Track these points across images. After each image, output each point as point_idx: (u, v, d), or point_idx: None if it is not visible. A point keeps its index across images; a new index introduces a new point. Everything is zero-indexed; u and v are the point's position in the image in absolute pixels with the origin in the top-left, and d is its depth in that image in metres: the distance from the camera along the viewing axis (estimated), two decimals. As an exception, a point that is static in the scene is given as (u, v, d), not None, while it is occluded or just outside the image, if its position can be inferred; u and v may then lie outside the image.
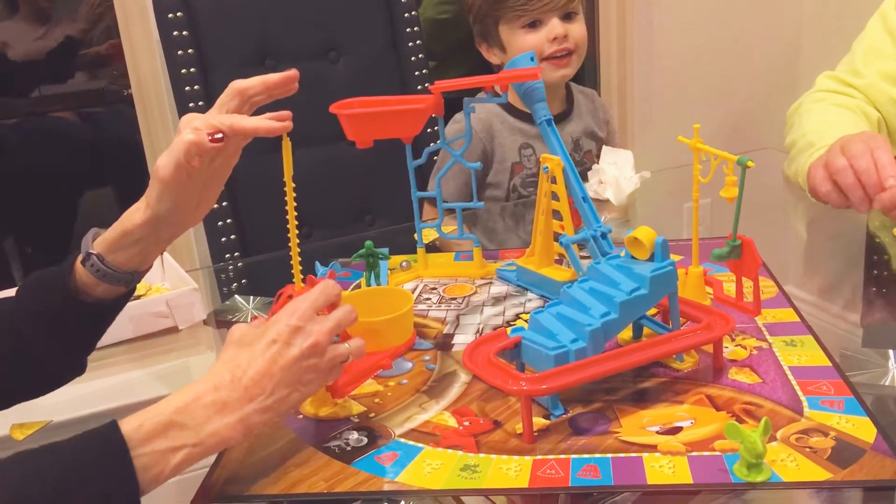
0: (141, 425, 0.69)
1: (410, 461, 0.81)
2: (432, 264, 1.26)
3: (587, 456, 0.79)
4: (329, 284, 0.82)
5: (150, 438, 0.69)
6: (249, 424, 0.73)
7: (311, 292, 0.80)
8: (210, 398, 0.72)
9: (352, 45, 1.75)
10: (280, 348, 0.75)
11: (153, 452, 0.69)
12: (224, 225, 1.64)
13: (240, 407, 0.73)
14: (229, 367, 0.74)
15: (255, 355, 0.75)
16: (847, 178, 1.20)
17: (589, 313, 0.88)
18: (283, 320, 0.76)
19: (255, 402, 0.73)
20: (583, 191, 1.11)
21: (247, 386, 0.73)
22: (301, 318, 0.77)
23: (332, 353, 0.79)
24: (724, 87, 2.68)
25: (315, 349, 0.77)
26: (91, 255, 0.83)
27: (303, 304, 0.78)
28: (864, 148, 1.21)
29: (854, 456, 0.76)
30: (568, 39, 1.55)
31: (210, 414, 0.71)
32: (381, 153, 1.26)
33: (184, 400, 0.71)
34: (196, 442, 0.71)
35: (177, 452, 0.70)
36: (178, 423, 0.70)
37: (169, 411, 0.70)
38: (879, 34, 1.45)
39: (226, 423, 0.72)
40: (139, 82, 2.05)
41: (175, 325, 1.14)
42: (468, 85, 1.16)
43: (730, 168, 0.93)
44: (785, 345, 0.97)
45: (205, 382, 0.73)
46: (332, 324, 0.79)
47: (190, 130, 0.78)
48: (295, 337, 0.76)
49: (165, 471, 0.69)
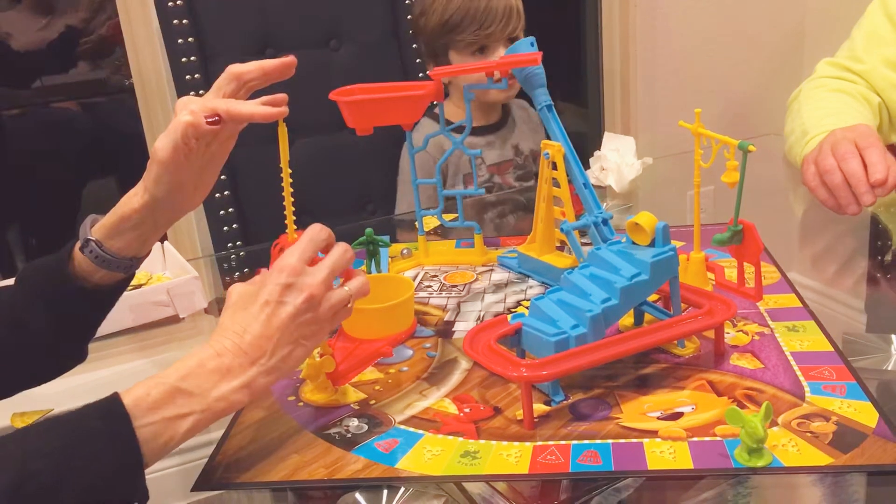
0: (148, 394, 0.69)
1: (411, 448, 0.81)
2: (433, 252, 1.25)
3: (588, 442, 0.79)
4: (316, 230, 0.79)
5: (158, 406, 0.69)
6: (255, 387, 0.74)
7: (299, 243, 0.78)
8: (214, 364, 0.72)
9: (352, 33, 1.75)
10: (273, 309, 0.75)
11: (162, 420, 0.69)
12: (226, 214, 1.64)
13: (243, 371, 0.73)
14: (228, 332, 0.74)
15: (251, 319, 0.74)
16: (835, 180, 1.20)
17: (590, 299, 0.87)
18: (273, 279, 0.75)
19: (258, 364, 0.74)
20: (584, 177, 1.11)
21: (247, 350, 0.73)
22: (291, 273, 0.75)
23: (331, 301, 0.77)
24: (727, 74, 2.67)
25: (310, 302, 0.76)
26: (90, 242, 0.83)
27: (290, 260, 0.76)
28: (853, 148, 1.20)
29: (856, 441, 0.76)
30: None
31: (215, 380, 0.72)
32: (381, 140, 1.25)
33: (188, 367, 0.72)
34: (204, 408, 0.71)
35: (185, 419, 0.70)
36: (184, 391, 0.70)
37: (174, 379, 0.70)
38: (880, 20, 1.45)
39: (232, 387, 0.72)
40: (140, 72, 2.05)
41: (176, 313, 1.13)
42: (468, 71, 1.16)
43: (731, 153, 0.92)
44: (787, 330, 0.96)
45: (207, 349, 0.73)
46: (325, 272, 0.77)
47: (187, 112, 0.78)
48: (287, 295, 0.75)
49: (176, 437, 0.70)
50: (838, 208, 1.21)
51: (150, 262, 1.21)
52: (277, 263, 0.77)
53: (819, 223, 1.37)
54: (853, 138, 1.22)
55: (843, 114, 1.36)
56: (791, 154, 1.42)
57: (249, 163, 1.56)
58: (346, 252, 0.80)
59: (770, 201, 1.47)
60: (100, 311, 0.89)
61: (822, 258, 1.30)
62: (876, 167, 1.17)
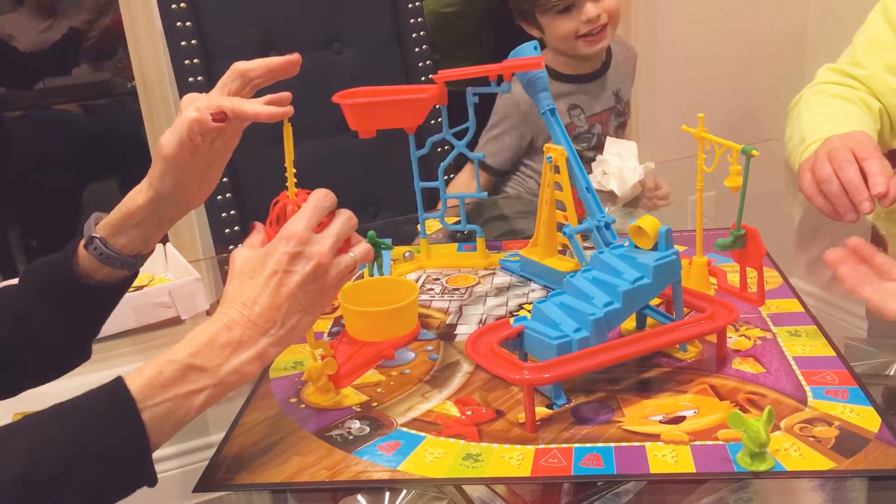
0: (160, 372, 0.69)
1: (413, 450, 0.81)
2: (435, 255, 1.25)
3: (590, 445, 0.79)
4: (320, 196, 0.79)
5: (171, 384, 0.69)
6: (266, 358, 0.74)
7: (304, 210, 0.77)
8: (224, 338, 0.72)
9: (356, 36, 1.75)
10: (281, 278, 0.74)
11: (176, 397, 0.69)
12: (227, 216, 1.65)
13: (254, 343, 0.73)
14: (236, 303, 0.74)
15: (259, 289, 0.74)
16: (832, 188, 1.19)
17: (592, 303, 0.87)
18: (280, 248, 0.75)
19: (268, 335, 0.74)
20: (587, 181, 1.11)
21: (257, 322, 0.73)
22: (298, 242, 0.75)
23: (337, 268, 0.78)
24: (729, 80, 2.67)
25: (318, 271, 0.76)
26: (94, 239, 0.83)
27: (297, 227, 0.76)
28: (850, 157, 1.20)
29: (858, 445, 0.76)
30: (601, 17, 1.59)
31: (227, 354, 0.72)
32: (384, 144, 1.25)
33: (198, 343, 0.71)
34: (217, 382, 0.71)
35: (199, 394, 0.70)
36: (196, 367, 0.70)
37: (185, 355, 0.70)
38: (881, 26, 1.45)
39: (243, 359, 0.72)
40: (143, 74, 2.05)
41: (178, 315, 1.14)
42: (472, 74, 1.16)
43: (734, 157, 0.93)
44: (789, 335, 0.96)
45: (215, 323, 0.73)
46: (332, 240, 0.77)
47: (193, 109, 0.78)
48: (295, 264, 0.75)
49: (191, 413, 0.70)
50: (836, 216, 1.21)
51: (153, 264, 1.21)
52: (284, 231, 0.76)
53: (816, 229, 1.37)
54: (851, 146, 1.22)
55: (841, 120, 1.36)
56: (791, 160, 1.42)
57: (251, 165, 1.56)
58: (351, 219, 0.80)
59: (772, 206, 1.47)
60: (104, 309, 0.89)
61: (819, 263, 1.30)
62: (876, 179, 1.16)
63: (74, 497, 0.64)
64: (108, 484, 0.66)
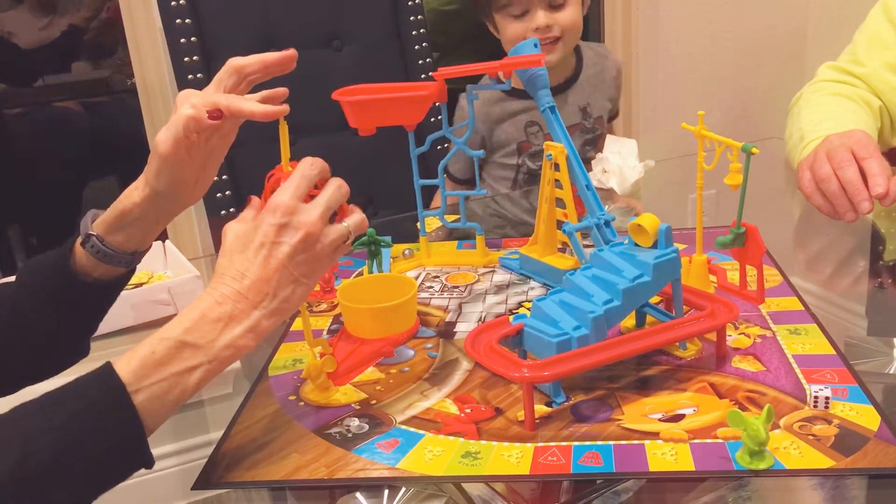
0: (153, 352, 0.69)
1: (411, 448, 0.80)
2: (435, 253, 1.25)
3: (589, 443, 0.79)
4: (307, 164, 0.78)
5: (165, 363, 0.69)
6: (260, 330, 0.74)
7: (291, 180, 0.76)
8: (216, 313, 0.72)
9: (355, 33, 1.75)
10: (270, 250, 0.74)
11: (171, 376, 0.69)
12: (227, 214, 1.65)
13: (246, 316, 0.73)
14: (227, 277, 0.73)
15: (248, 262, 0.74)
16: (831, 187, 1.19)
17: (591, 300, 0.87)
18: (267, 220, 0.74)
19: (260, 308, 0.73)
20: (586, 178, 1.11)
21: (247, 295, 0.73)
22: (285, 212, 0.74)
23: (330, 237, 0.77)
24: (730, 77, 2.67)
25: (307, 241, 0.75)
26: (91, 237, 0.83)
27: (283, 197, 0.75)
28: (850, 156, 1.20)
29: (858, 444, 0.76)
30: (552, 28, 1.58)
31: (220, 328, 0.71)
32: (383, 141, 1.25)
33: (191, 319, 0.71)
34: (212, 358, 0.71)
35: (194, 371, 0.70)
36: (190, 344, 0.70)
37: (178, 333, 0.70)
38: (881, 23, 1.45)
39: (236, 334, 0.72)
40: (142, 71, 2.05)
41: (177, 312, 1.13)
42: (471, 72, 1.15)
43: (734, 155, 0.92)
44: (789, 333, 0.96)
45: (207, 298, 0.73)
46: (321, 209, 0.76)
47: (189, 106, 0.78)
48: (283, 235, 0.74)
49: (188, 390, 0.70)
50: (835, 215, 1.21)
51: (152, 262, 1.21)
52: (271, 202, 0.75)
53: (816, 227, 1.37)
54: (850, 145, 1.21)
55: (840, 118, 1.36)
56: (790, 158, 1.42)
57: (250, 162, 1.56)
58: (342, 187, 0.79)
59: (772, 204, 1.47)
60: (101, 306, 0.89)
61: (819, 261, 1.30)
62: (876, 179, 1.16)
63: (72, 485, 0.64)
64: (104, 469, 0.66)
